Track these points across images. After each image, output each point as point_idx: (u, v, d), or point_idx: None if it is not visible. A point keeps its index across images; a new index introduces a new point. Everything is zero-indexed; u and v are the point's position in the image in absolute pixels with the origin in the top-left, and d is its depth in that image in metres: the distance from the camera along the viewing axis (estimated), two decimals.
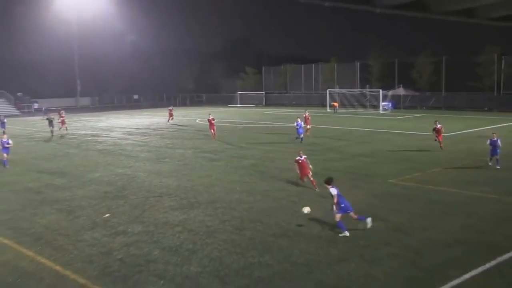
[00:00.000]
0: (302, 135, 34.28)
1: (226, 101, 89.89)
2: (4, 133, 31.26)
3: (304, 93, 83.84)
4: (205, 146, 34.43)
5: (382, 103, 66.33)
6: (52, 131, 44.10)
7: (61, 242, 14.79)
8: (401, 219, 16.23)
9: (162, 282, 11.58)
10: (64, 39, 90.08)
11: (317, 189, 19.76)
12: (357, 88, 75.10)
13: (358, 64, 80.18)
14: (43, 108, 70.49)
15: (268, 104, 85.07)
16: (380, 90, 67.59)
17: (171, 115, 54.46)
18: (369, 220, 15.03)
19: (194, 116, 63.87)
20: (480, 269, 11.86)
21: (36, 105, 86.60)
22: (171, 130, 47.51)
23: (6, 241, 15.06)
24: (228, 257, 13.02)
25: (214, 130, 39.02)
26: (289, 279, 11.60)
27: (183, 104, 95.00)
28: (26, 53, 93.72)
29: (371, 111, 65.23)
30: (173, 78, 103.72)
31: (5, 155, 28.38)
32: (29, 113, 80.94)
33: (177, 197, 19.94)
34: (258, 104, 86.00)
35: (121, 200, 19.69)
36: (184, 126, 51.69)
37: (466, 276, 11.49)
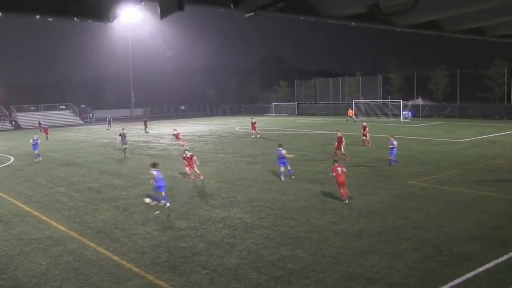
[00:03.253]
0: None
1: (262, 111, 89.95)
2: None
3: (332, 103, 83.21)
4: (243, 151, 34.50)
5: (402, 112, 65.35)
6: (124, 150, 35.38)
7: (117, 235, 15.03)
8: (419, 216, 15.94)
9: (205, 272, 11.62)
10: (120, 57, 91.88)
11: (347, 201, 17.94)
12: (380, 99, 74.21)
13: (380, 77, 79.23)
14: (109, 118, 71.34)
15: (300, 114, 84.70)
16: (401, 100, 66.71)
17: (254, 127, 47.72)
18: (167, 203, 18.22)
19: (234, 125, 64.07)
20: (493, 263, 11.55)
21: (91, 115, 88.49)
22: (213, 137, 47.75)
23: (72, 233, 15.39)
24: (264, 250, 13.00)
25: (255, 130, 42.93)
26: (319, 270, 11.50)
27: (223, 113, 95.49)
28: (89, 70, 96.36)
29: (393, 119, 64.27)
30: (215, 90, 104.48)
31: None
32: (90, 123, 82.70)
33: (218, 196, 20.02)
34: (290, 113, 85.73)
35: (170, 198, 19.81)
36: (225, 133, 51.91)
37: (481, 269, 11.21)
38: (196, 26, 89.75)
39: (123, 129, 38.66)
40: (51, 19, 2.77)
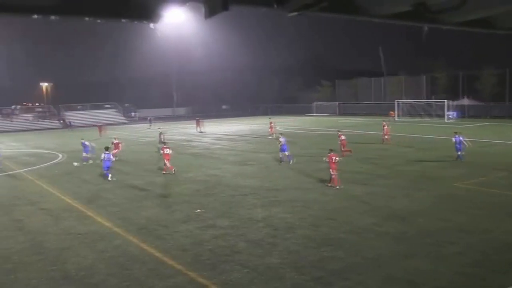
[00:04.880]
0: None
1: (304, 111, 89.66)
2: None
3: (374, 103, 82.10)
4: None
5: (447, 113, 63.79)
6: (159, 148, 33.68)
7: (160, 232, 15.26)
8: (465, 220, 15.49)
9: (246, 271, 11.65)
10: (164, 57, 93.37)
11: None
12: (423, 99, 72.65)
13: (424, 77, 77.62)
14: (150, 117, 73.05)
15: (341, 114, 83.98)
16: (445, 100, 65.10)
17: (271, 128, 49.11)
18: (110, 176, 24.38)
19: (276, 124, 64.00)
20: None
21: (133, 114, 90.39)
22: (254, 136, 47.91)
23: (116, 229, 15.74)
24: (305, 251, 12.94)
25: (272, 130, 43.97)
26: (360, 272, 11.35)
27: (265, 113, 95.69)
28: (133, 71, 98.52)
29: (437, 120, 62.80)
30: (257, 90, 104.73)
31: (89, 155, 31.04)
32: (134, 121, 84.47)
33: (259, 195, 20.05)
34: (332, 113, 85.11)
35: (211, 197, 20.05)
36: (266, 133, 51.90)
37: None
38: (238, 26, 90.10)
39: (159, 128, 39.75)
40: (100, 21, 2.82)
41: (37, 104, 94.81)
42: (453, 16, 3.30)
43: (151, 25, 2.93)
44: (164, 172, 26.46)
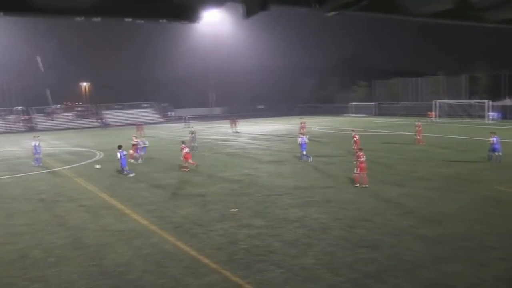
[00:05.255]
0: None
1: (340, 111, 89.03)
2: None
3: (412, 104, 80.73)
4: (320, 151, 34.21)
5: (488, 113, 62.10)
6: (193, 148, 36.05)
7: (196, 230, 15.39)
8: (508, 225, 15.00)
9: (281, 271, 11.63)
10: (201, 57, 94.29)
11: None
12: (463, 99, 70.97)
13: (464, 76, 75.86)
14: (186, 117, 74.06)
15: (378, 114, 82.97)
16: (486, 101, 63.39)
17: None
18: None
19: (311, 124, 63.77)
20: None
21: (170, 113, 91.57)
22: (290, 136, 47.79)
23: (153, 226, 15.96)
24: (340, 252, 12.81)
25: (304, 130, 43.75)
26: (397, 275, 11.15)
27: (301, 113, 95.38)
28: (171, 71, 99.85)
29: (478, 121, 61.25)
30: (293, 90, 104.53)
31: (142, 153, 31.20)
32: (171, 120, 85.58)
33: (295, 196, 19.99)
34: (369, 113, 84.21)
35: (246, 197, 20.10)
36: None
37: None
38: (275, 26, 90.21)
39: (192, 127, 40.38)
40: (141, 21, 2.87)
41: (77, 103, 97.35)
42: (498, 14, 3.20)
43: (191, 23, 2.96)
44: (186, 170, 27.20)
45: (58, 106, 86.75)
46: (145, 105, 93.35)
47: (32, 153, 32.75)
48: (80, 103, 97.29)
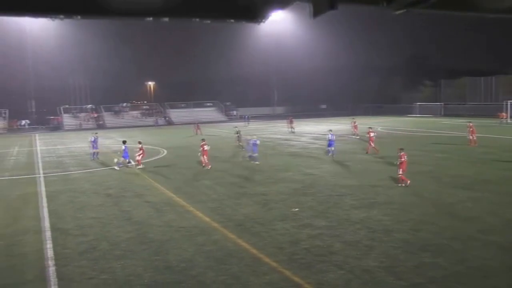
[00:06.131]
0: None
1: (404, 111, 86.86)
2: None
3: (482, 104, 77.49)
4: (383, 152, 33.51)
5: None
6: (240, 146, 38.59)
7: (257, 229, 15.50)
8: None
9: (342, 272, 11.51)
10: (264, 56, 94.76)
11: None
12: None
13: None
14: (246, 116, 74.97)
15: (445, 115, 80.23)
16: None
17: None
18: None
19: (374, 125, 62.56)
20: None
21: (234, 112, 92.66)
22: (354, 136, 47.18)
23: (215, 224, 16.23)
24: (403, 255, 12.51)
25: (356, 129, 45.26)
26: (463, 282, 10.74)
27: (364, 113, 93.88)
28: (234, 70, 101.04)
29: None
30: (357, 90, 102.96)
31: (255, 154, 30.66)
32: (234, 119, 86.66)
33: (357, 197, 19.72)
34: (435, 114, 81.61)
35: (308, 196, 20.04)
36: (365, 133, 50.94)
37: None
38: (338, 24, 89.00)
39: (235, 127, 41.20)
40: (209, 21, 2.95)
41: (143, 102, 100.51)
42: None
43: (258, 23, 3.01)
44: (204, 166, 28.60)
45: (124, 104, 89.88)
46: (209, 104, 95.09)
47: (91, 148, 35.40)
48: (145, 102, 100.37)
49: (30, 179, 27.24)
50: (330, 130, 34.00)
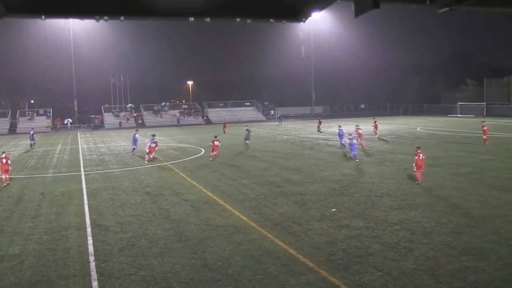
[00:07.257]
0: None
1: (446, 111, 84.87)
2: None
3: None
4: (424, 152, 32.84)
5: None
6: (246, 144, 39.44)
7: (294, 229, 15.47)
8: None
9: (379, 274, 11.37)
10: (303, 56, 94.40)
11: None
12: None
13: None
14: (279, 115, 75.38)
15: (488, 115, 77.98)
16: None
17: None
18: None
19: (415, 125, 61.56)
20: None
21: (272, 112, 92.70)
22: (393, 137, 46.48)
23: (252, 223, 16.29)
24: (443, 258, 12.24)
25: (376, 129, 45.29)
26: None
27: (404, 113, 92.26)
28: (272, 70, 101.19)
29: None
30: (398, 89, 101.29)
31: (353, 152, 30.80)
32: (272, 119, 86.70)
33: (396, 198, 19.41)
34: (478, 114, 79.38)
35: (346, 197, 19.86)
36: (405, 133, 50.16)
37: None
38: (378, 23, 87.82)
39: (246, 125, 44.11)
40: (249, 21, 2.96)
41: (182, 101, 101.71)
42: None
43: (299, 22, 3.01)
44: (211, 159, 32.20)
45: (163, 104, 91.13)
46: (247, 104, 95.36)
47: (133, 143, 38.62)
48: (183, 101, 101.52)
49: (73, 176, 28.01)
50: (340, 126, 39.69)
